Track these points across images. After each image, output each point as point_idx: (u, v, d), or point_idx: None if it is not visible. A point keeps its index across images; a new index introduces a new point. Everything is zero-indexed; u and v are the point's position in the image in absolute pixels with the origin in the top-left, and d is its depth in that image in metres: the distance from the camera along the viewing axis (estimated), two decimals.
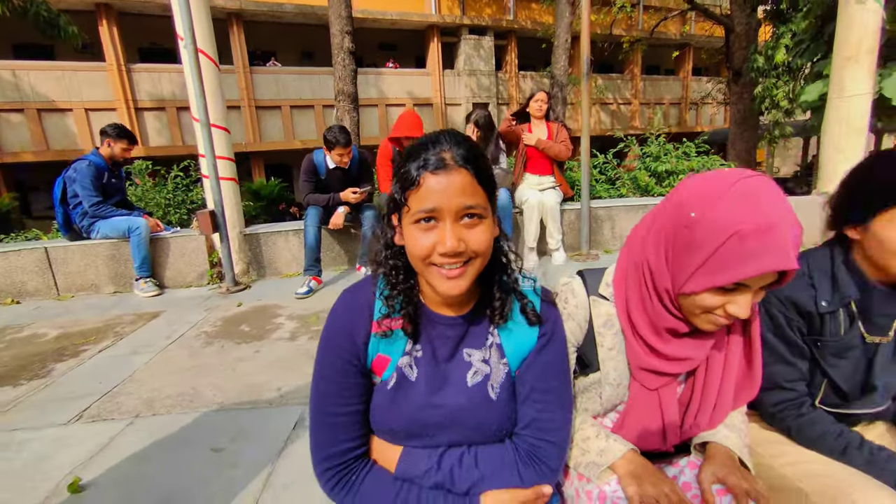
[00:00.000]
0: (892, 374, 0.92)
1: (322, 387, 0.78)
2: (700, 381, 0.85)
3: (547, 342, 0.80)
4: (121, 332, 2.76)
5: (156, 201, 5.01)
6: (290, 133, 12.69)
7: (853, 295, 0.92)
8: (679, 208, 0.73)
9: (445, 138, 0.70)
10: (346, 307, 0.79)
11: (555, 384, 0.80)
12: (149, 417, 1.81)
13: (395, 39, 14.89)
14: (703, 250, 0.69)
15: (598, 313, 0.88)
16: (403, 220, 0.71)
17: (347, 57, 5.67)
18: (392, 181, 0.72)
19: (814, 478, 0.85)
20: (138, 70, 11.34)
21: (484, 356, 0.79)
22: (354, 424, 0.78)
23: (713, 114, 18.70)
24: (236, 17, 11.71)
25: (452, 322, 0.79)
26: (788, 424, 0.95)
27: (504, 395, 0.78)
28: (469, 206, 0.67)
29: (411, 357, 0.78)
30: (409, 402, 0.77)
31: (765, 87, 8.72)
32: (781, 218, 0.65)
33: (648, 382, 0.85)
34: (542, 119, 3.70)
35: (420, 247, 0.68)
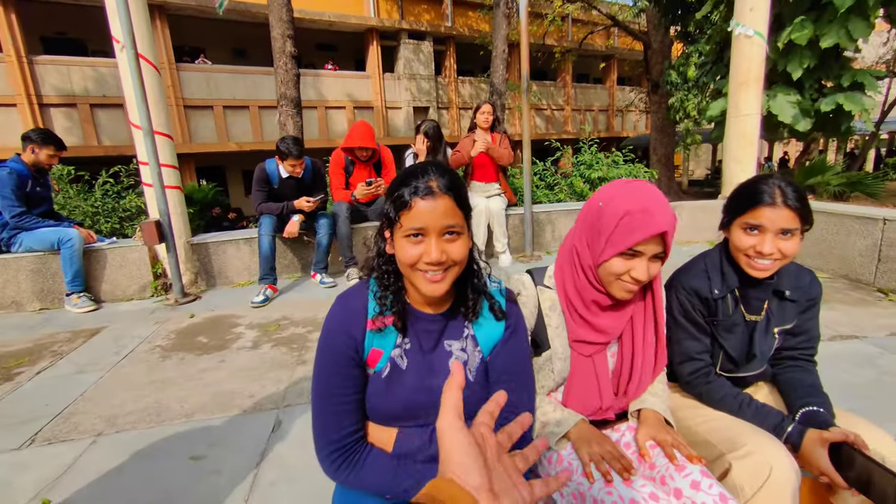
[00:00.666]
0: (765, 344, 1.22)
1: (325, 379, 0.90)
2: (627, 350, 1.11)
3: (512, 333, 0.99)
4: (58, 352, 2.61)
5: (81, 209, 4.64)
6: (224, 134, 12.07)
7: (735, 283, 1.20)
8: (593, 204, 1.02)
9: (432, 169, 0.87)
10: (343, 308, 0.93)
11: (520, 367, 0.99)
12: (113, 435, 1.79)
13: (333, 40, 14.65)
14: (608, 228, 0.97)
15: (544, 299, 1.11)
16: (396, 234, 0.87)
17: (290, 61, 5.59)
18: (385, 201, 0.88)
19: (717, 431, 1.10)
20: (43, 62, 10.25)
21: (462, 345, 0.96)
22: (355, 411, 0.91)
23: (636, 120, 20.32)
24: (159, 9, 10.95)
25: (434, 318, 0.95)
26: (700, 390, 1.22)
27: (478, 377, 0.96)
28: (450, 226, 0.84)
29: (402, 349, 0.93)
30: (404, 387, 0.91)
31: (678, 98, 9.72)
32: (653, 204, 0.94)
33: (583, 350, 1.09)
34: (488, 130, 3.94)
35: (409, 256, 0.84)
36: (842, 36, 4.25)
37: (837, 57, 4.74)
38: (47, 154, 3.34)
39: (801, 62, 4.55)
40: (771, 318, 1.21)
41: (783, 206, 1.08)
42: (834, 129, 5.16)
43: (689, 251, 4.16)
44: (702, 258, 1.27)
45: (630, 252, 0.95)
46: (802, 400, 1.14)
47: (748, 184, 1.16)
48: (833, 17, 4.25)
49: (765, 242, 1.10)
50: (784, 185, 1.10)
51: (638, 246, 0.93)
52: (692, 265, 1.28)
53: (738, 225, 1.15)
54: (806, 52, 4.51)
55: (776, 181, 1.11)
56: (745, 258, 1.15)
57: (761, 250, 1.10)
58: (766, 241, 1.10)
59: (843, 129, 4.97)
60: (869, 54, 13.26)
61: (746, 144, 4.20)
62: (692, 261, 1.29)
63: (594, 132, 16.65)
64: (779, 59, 4.73)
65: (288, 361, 2.32)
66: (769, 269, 1.12)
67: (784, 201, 1.08)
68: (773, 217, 1.08)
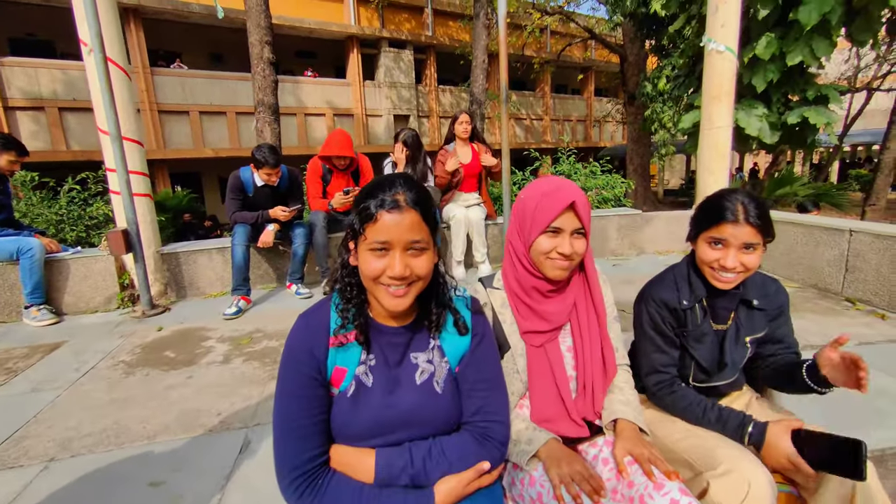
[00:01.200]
0: (736, 352, 1.24)
1: (287, 401, 0.86)
2: (577, 339, 1.14)
3: (479, 342, 0.98)
4: (13, 369, 2.46)
5: (45, 217, 4.44)
6: (200, 140, 11.81)
7: (703, 294, 1.23)
8: (518, 199, 1.15)
9: (400, 182, 0.85)
10: (305, 326, 0.90)
11: (491, 374, 0.98)
12: (67, 460, 1.67)
13: (313, 48, 14.57)
14: (530, 211, 1.07)
15: (494, 299, 1.17)
16: (360, 247, 0.85)
17: (268, 67, 5.53)
18: (352, 211, 0.86)
19: (694, 449, 1.10)
20: (9, 64, 9.88)
21: (428, 357, 0.94)
22: (319, 434, 0.87)
23: (613, 131, 20.78)
24: (134, 12, 10.71)
25: (398, 331, 0.93)
26: (665, 401, 1.23)
27: (447, 388, 0.93)
28: (415, 241, 0.83)
29: (366, 365, 0.90)
30: (370, 405, 0.88)
31: (653, 110, 9.97)
32: (562, 184, 1.07)
33: (534, 340, 1.13)
34: (467, 140, 3.94)
35: (372, 269, 0.83)
36: (806, 54, 4.42)
37: (802, 72, 4.93)
38: (7, 160, 3.20)
39: (765, 76, 4.72)
40: (740, 327, 1.24)
41: (745, 223, 1.11)
42: (800, 142, 5.35)
43: (665, 260, 4.25)
44: (670, 270, 1.31)
45: (552, 229, 1.04)
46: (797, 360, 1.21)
47: (713, 199, 1.19)
48: (798, 35, 4.43)
49: (728, 257, 1.14)
50: (747, 201, 1.13)
51: (556, 221, 1.03)
52: (661, 277, 1.31)
53: (703, 239, 1.19)
54: (770, 67, 4.68)
55: (739, 197, 1.14)
56: (710, 270, 1.19)
57: (725, 264, 1.14)
58: (730, 255, 1.13)
59: (808, 142, 5.15)
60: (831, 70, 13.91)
61: (719, 156, 4.30)
62: (662, 273, 1.32)
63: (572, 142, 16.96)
64: (744, 73, 4.89)
65: (260, 377, 2.23)
66: (732, 281, 1.16)
67: (746, 218, 1.11)
68: (735, 233, 1.12)
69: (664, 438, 1.19)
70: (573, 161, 5.53)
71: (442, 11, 16.01)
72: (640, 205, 10.41)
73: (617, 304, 1.24)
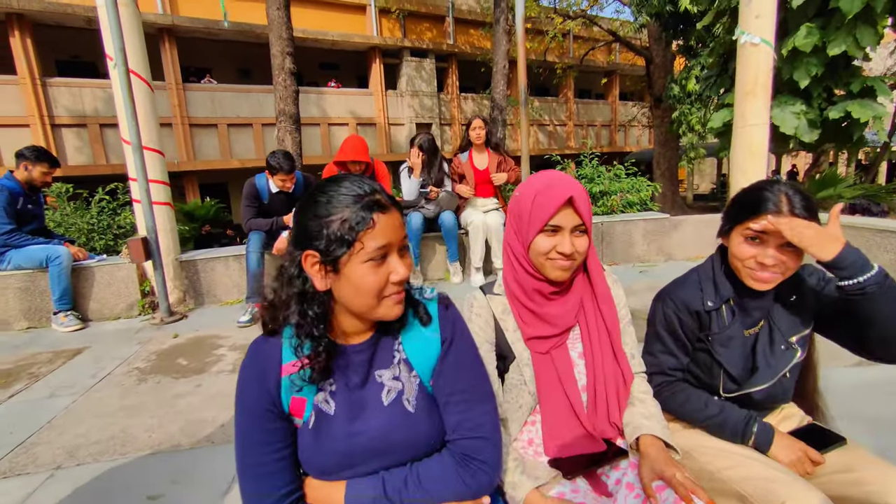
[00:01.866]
0: (771, 356, 1.09)
1: (246, 439, 0.76)
2: (587, 344, 1.04)
3: (451, 344, 0.84)
4: (36, 374, 2.51)
5: (77, 227, 4.61)
6: (228, 152, 12.19)
7: (729, 294, 1.10)
8: (512, 200, 1.06)
9: (367, 184, 0.74)
10: (254, 357, 0.79)
11: (470, 382, 0.83)
12: (72, 468, 1.66)
13: (336, 59, 14.87)
14: (525, 210, 0.99)
15: (495, 305, 1.07)
16: (351, 263, 0.71)
17: (289, 77, 5.61)
18: (333, 229, 0.71)
19: (748, 481, 0.94)
20: (56, 84, 10.47)
21: (394, 373, 0.82)
22: (285, 470, 0.77)
23: (639, 135, 20.29)
24: (168, 32, 11.19)
25: (360, 349, 0.81)
26: (664, 397, 1.12)
27: (421, 405, 0.81)
28: (404, 238, 0.76)
29: (325, 392, 0.79)
30: (333, 436, 0.77)
31: (681, 112, 9.65)
32: (555, 178, 0.99)
33: (539, 347, 1.02)
34: (483, 146, 3.86)
35: (374, 282, 0.72)
36: (849, 43, 4.13)
37: (847, 65, 4.62)
38: (40, 171, 3.31)
39: (808, 70, 4.43)
40: (774, 328, 1.09)
41: (790, 214, 0.97)
42: (844, 140, 5.00)
43: None
44: (695, 271, 1.18)
45: (551, 228, 0.96)
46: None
47: (752, 189, 1.05)
48: (840, 24, 4.15)
49: (767, 253, 1.00)
50: (792, 192, 0.99)
51: (554, 219, 0.95)
52: (684, 278, 1.19)
53: (738, 233, 1.05)
54: (812, 60, 4.40)
55: (783, 187, 1.00)
56: (746, 269, 1.04)
57: (763, 262, 1.00)
58: (769, 251, 1.00)
59: (854, 140, 4.81)
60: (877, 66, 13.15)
61: (753, 156, 4.05)
62: (685, 274, 1.20)
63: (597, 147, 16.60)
64: (784, 67, 4.62)
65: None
66: (771, 281, 1.02)
67: (791, 210, 0.97)
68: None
69: (706, 465, 1.04)
70: (596, 164, 5.35)
71: (463, 20, 16.08)
72: (669, 210, 10.04)
73: (643, 312, 1.14)
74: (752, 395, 1.11)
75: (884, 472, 0.91)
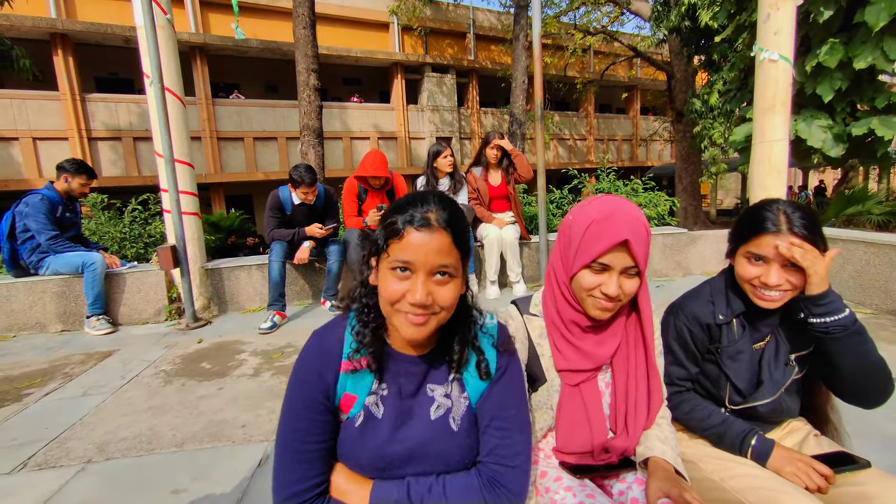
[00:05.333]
0: (775, 370, 1.12)
1: (292, 424, 0.81)
2: (620, 379, 1.01)
3: (503, 374, 0.87)
4: (70, 374, 2.64)
5: (111, 235, 4.84)
6: (253, 164, 12.59)
7: (740, 308, 1.12)
8: (565, 220, 1.01)
9: (433, 199, 0.78)
10: (317, 348, 0.84)
11: (512, 412, 0.86)
12: (102, 462, 1.75)
13: (359, 75, 15.27)
14: (576, 239, 0.93)
15: (532, 328, 1.04)
16: (381, 264, 0.78)
17: (313, 93, 5.82)
18: (378, 226, 0.81)
19: (753, 490, 0.95)
20: (94, 100, 11.05)
21: (446, 391, 0.85)
22: (320, 460, 0.81)
23: (661, 149, 20.07)
24: (200, 50, 11.72)
25: (415, 360, 0.85)
26: (672, 406, 1.14)
27: (465, 426, 0.84)
28: (443, 266, 0.74)
29: (377, 396, 0.83)
30: (376, 438, 0.81)
31: (703, 127, 9.54)
32: (616, 212, 0.90)
33: (570, 379, 1.00)
34: (496, 165, 3.90)
35: (392, 291, 0.75)
36: (877, 56, 4.06)
37: (871, 79, 4.53)
38: (79, 183, 3.50)
39: (832, 85, 4.37)
40: (780, 343, 1.12)
41: (788, 233, 0.99)
42: (869, 156, 4.88)
43: None
44: (707, 284, 1.21)
45: (599, 266, 0.90)
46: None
47: (752, 209, 1.08)
48: (866, 38, 4.09)
49: (770, 273, 1.02)
50: (791, 210, 1.01)
51: (604, 258, 0.89)
52: (697, 291, 1.21)
53: (741, 254, 1.08)
54: (837, 75, 4.33)
55: (782, 206, 1.03)
56: (751, 288, 1.07)
57: (766, 282, 1.02)
58: (772, 271, 1.02)
59: (878, 156, 4.69)
60: None
61: (773, 172, 4.00)
62: (697, 287, 1.23)
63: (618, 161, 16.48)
64: (807, 82, 4.56)
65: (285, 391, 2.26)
66: (776, 300, 1.04)
67: (790, 228, 0.99)
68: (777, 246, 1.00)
69: (711, 474, 1.06)
70: (613, 178, 5.35)
71: (484, 36, 16.35)
72: (691, 225, 9.88)
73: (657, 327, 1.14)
74: (756, 408, 1.13)
75: (889, 487, 0.91)
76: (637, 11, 11.71)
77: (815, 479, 0.95)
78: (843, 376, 1.05)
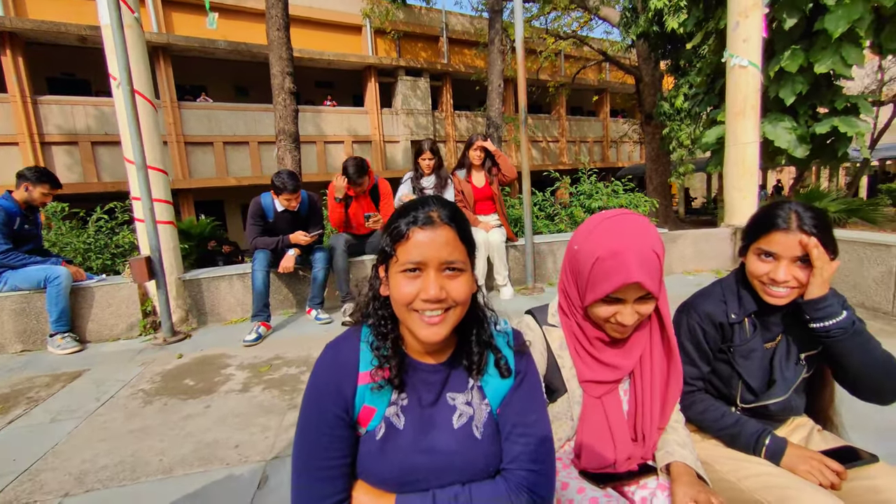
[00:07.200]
0: (787, 369, 1.14)
1: (310, 442, 0.78)
2: (639, 386, 1.01)
3: (522, 380, 0.87)
4: (35, 398, 2.44)
5: (73, 246, 4.55)
6: (224, 169, 12.18)
7: (752, 308, 1.15)
8: (570, 246, 0.98)
9: (433, 200, 0.80)
10: (333, 361, 0.82)
11: (533, 417, 0.86)
12: (81, 496, 1.61)
13: (332, 78, 15.05)
14: (584, 274, 0.91)
15: (552, 339, 1.03)
16: (391, 270, 0.78)
17: (289, 97, 5.67)
18: (382, 235, 0.81)
19: (768, 489, 0.97)
20: (46, 102, 10.44)
21: (467, 398, 0.84)
22: (342, 477, 0.79)
23: (631, 151, 20.68)
24: (163, 50, 11.27)
25: (434, 369, 0.84)
26: (684, 406, 1.15)
27: (488, 433, 0.83)
28: (450, 261, 0.76)
29: (398, 406, 0.82)
30: (400, 450, 0.79)
31: (671, 129, 9.88)
32: (627, 246, 0.87)
33: (593, 391, 1.00)
34: (480, 167, 3.92)
35: (404, 294, 0.75)
36: (836, 62, 4.31)
37: (829, 84, 4.80)
38: (41, 192, 3.28)
39: (793, 88, 4.61)
40: (791, 342, 1.15)
41: (798, 230, 1.03)
42: (830, 155, 5.17)
43: (695, 280, 4.08)
44: (718, 284, 1.23)
45: (611, 298, 0.89)
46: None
47: (765, 208, 1.12)
48: (826, 44, 4.33)
49: (779, 269, 1.05)
50: (802, 209, 1.05)
51: (616, 293, 0.87)
52: (708, 290, 1.23)
53: (752, 251, 1.12)
54: (798, 78, 4.57)
55: (794, 206, 1.06)
56: (760, 285, 1.11)
57: (775, 277, 1.06)
58: (781, 268, 1.05)
59: (839, 155, 4.97)
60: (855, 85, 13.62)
61: (746, 173, 4.18)
62: (709, 286, 1.25)
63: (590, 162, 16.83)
64: (771, 86, 4.79)
65: (279, 406, 2.16)
66: (785, 296, 1.07)
67: (800, 226, 1.03)
68: (786, 243, 1.04)
69: (726, 475, 1.06)
70: (594, 181, 5.45)
71: (457, 40, 16.43)
72: (662, 224, 10.19)
73: None
74: (768, 406, 1.15)
75: None
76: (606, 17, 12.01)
77: (828, 476, 0.97)
78: (854, 376, 1.08)
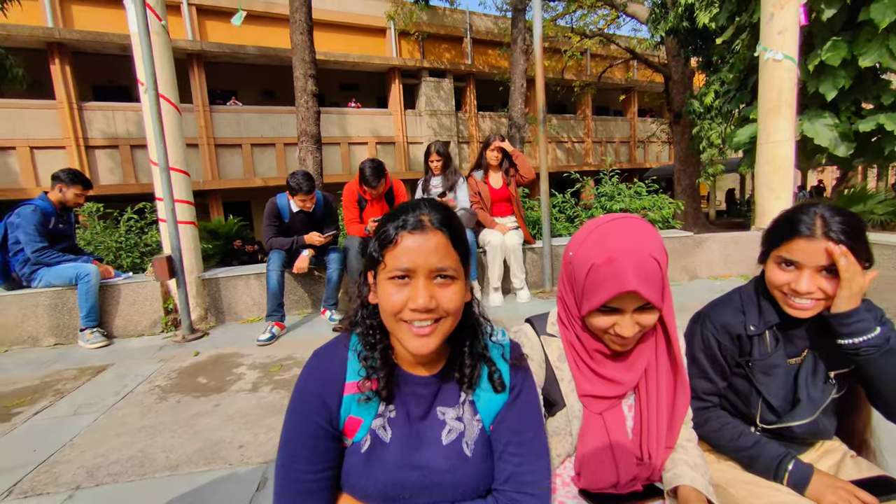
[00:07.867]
0: (813, 388, 1.03)
1: (292, 453, 0.75)
2: (644, 402, 0.93)
3: (518, 395, 0.82)
4: (61, 390, 2.55)
5: (106, 245, 4.75)
6: (251, 170, 12.54)
7: (774, 319, 1.04)
8: (566, 250, 0.92)
9: (424, 203, 0.75)
10: (318, 369, 0.79)
11: (529, 435, 0.81)
12: (91, 489, 1.66)
13: (356, 80, 15.25)
14: (578, 282, 0.86)
15: (550, 350, 0.96)
16: (379, 277, 0.74)
17: (311, 99, 5.76)
18: (371, 241, 0.77)
19: None
20: (91, 108, 11.01)
21: (457, 413, 0.80)
22: (323, 491, 0.76)
23: (659, 151, 20.08)
24: (197, 57, 11.70)
25: (425, 381, 0.80)
26: (697, 423, 1.05)
27: (479, 451, 0.79)
28: (441, 268, 0.71)
29: (384, 418, 0.78)
30: (385, 464, 0.76)
31: (701, 128, 9.52)
32: (622, 252, 0.80)
33: (594, 407, 0.93)
34: (497, 167, 3.87)
35: (392, 302, 0.71)
36: (883, 55, 4.03)
37: (876, 78, 4.50)
38: (74, 193, 3.43)
39: (835, 83, 4.33)
40: (818, 359, 1.03)
41: (823, 237, 0.91)
42: (875, 154, 4.84)
43: (722, 286, 3.89)
44: (737, 292, 1.12)
45: (608, 308, 0.83)
46: None
47: (788, 212, 1.01)
48: (872, 36, 4.06)
49: (801, 280, 0.94)
50: (829, 214, 0.93)
51: (611, 303, 0.81)
52: (726, 299, 1.12)
53: (773, 258, 1.01)
54: (840, 73, 4.30)
55: (820, 209, 0.94)
56: (781, 295, 1.00)
57: (796, 288, 0.95)
58: (804, 278, 0.94)
59: (885, 153, 4.65)
60: None
61: (779, 172, 3.95)
62: (726, 294, 1.14)
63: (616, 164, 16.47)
64: (809, 81, 4.52)
65: (285, 406, 2.16)
66: (809, 309, 0.96)
67: (825, 232, 0.91)
68: (810, 251, 0.92)
69: (743, 501, 0.98)
70: (616, 182, 5.29)
71: (480, 40, 16.36)
72: (691, 227, 9.84)
73: None
74: (792, 428, 1.04)
75: None
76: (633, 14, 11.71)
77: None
78: (886, 398, 0.98)
